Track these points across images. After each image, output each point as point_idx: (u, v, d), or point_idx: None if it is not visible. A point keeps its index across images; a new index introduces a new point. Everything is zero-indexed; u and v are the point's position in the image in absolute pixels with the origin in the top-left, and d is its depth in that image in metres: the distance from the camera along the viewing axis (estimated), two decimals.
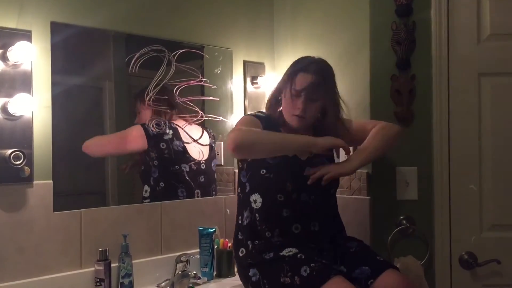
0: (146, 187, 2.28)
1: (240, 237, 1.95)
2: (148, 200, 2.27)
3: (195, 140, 2.40)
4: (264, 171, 1.89)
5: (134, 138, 2.25)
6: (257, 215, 1.89)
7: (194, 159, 2.39)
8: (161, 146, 2.30)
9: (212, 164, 2.50)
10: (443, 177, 2.20)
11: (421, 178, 2.23)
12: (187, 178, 2.38)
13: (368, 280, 1.79)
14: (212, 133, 2.50)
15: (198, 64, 2.46)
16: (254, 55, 2.67)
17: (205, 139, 2.46)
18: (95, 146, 2.13)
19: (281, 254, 1.81)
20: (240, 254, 1.92)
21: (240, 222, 1.96)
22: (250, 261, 1.86)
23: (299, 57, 2.00)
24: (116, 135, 2.22)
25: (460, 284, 2.19)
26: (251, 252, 1.88)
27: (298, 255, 1.77)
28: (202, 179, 2.43)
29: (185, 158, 2.37)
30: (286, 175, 1.87)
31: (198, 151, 2.43)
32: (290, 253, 1.80)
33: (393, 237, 2.21)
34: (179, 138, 2.35)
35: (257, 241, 1.87)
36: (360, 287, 1.78)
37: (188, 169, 2.38)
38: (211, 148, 2.49)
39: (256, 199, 1.90)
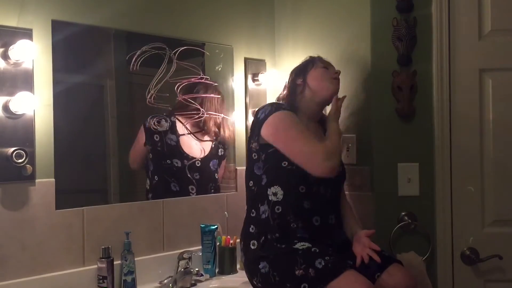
0: (148, 181, 2.29)
1: (252, 230, 1.94)
2: (150, 194, 2.27)
3: (191, 133, 2.39)
4: (286, 163, 1.89)
5: (139, 136, 2.26)
6: (278, 207, 1.90)
7: (188, 155, 2.38)
8: (154, 138, 2.29)
9: (211, 164, 2.48)
10: (445, 173, 2.20)
11: (423, 174, 2.23)
12: (180, 173, 2.36)
13: (375, 274, 1.82)
14: (216, 131, 2.48)
15: (199, 62, 2.46)
16: (255, 52, 2.67)
17: (208, 137, 2.46)
18: (133, 162, 2.25)
19: (294, 247, 1.82)
20: (252, 247, 1.91)
21: (253, 215, 1.95)
22: (262, 254, 1.86)
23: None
24: (136, 141, 2.26)
25: (462, 280, 2.19)
26: (263, 244, 1.88)
27: (312, 249, 1.80)
28: (197, 176, 2.42)
29: (178, 153, 2.36)
30: None
31: (199, 149, 2.42)
32: (304, 246, 1.82)
33: (395, 233, 2.22)
34: (174, 132, 2.34)
35: (276, 234, 1.88)
36: None
37: (180, 165, 2.37)
38: (214, 148, 2.48)
39: (277, 192, 1.90)
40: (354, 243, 1.93)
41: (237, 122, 2.58)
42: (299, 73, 2.09)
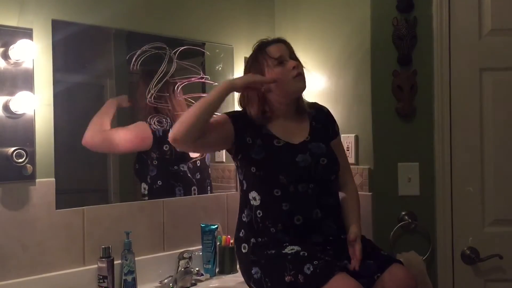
0: (144, 185, 2.28)
1: (241, 234, 1.94)
2: (147, 198, 2.27)
3: None
4: (254, 169, 1.87)
5: (143, 139, 2.24)
6: (259, 211, 1.89)
7: (191, 158, 2.39)
8: (164, 148, 2.29)
9: (206, 160, 2.49)
10: (445, 173, 2.20)
11: (423, 174, 2.23)
12: (185, 176, 2.37)
13: (375, 275, 1.80)
14: None
15: (199, 61, 2.46)
16: None
17: None
18: (99, 142, 2.11)
19: (283, 252, 1.79)
20: (243, 250, 1.91)
21: (242, 219, 1.96)
22: (253, 258, 1.86)
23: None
24: (125, 132, 2.18)
25: (462, 279, 2.19)
26: (253, 249, 1.88)
27: (301, 253, 1.76)
28: (198, 176, 2.43)
29: (184, 158, 2.37)
30: (277, 169, 1.84)
31: None
32: (293, 251, 1.78)
33: (395, 232, 2.22)
34: None
35: (260, 239, 1.87)
36: (367, 281, 1.78)
37: (185, 169, 2.38)
38: None
39: (255, 196, 1.89)
40: (348, 245, 1.88)
41: None
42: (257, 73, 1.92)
